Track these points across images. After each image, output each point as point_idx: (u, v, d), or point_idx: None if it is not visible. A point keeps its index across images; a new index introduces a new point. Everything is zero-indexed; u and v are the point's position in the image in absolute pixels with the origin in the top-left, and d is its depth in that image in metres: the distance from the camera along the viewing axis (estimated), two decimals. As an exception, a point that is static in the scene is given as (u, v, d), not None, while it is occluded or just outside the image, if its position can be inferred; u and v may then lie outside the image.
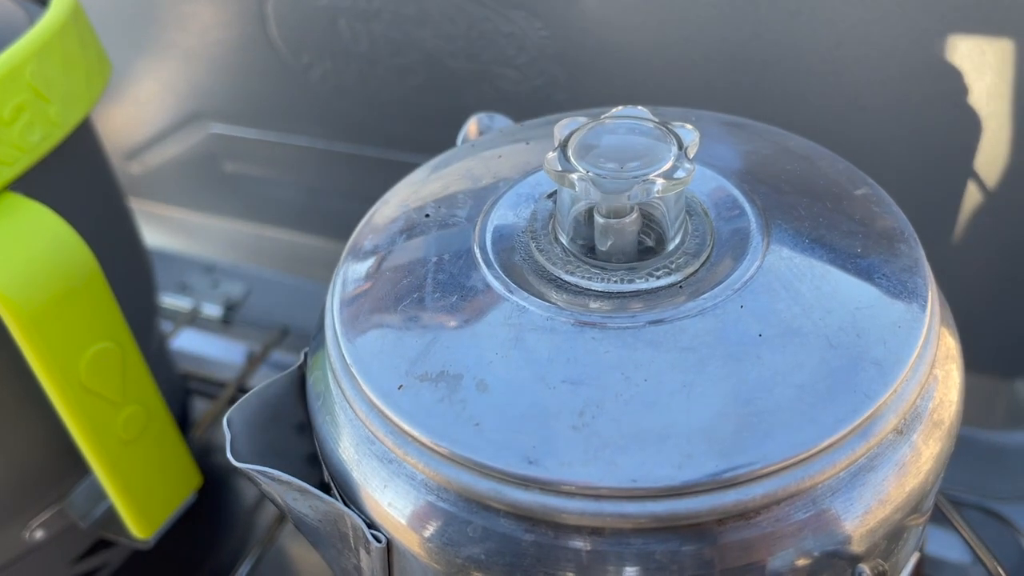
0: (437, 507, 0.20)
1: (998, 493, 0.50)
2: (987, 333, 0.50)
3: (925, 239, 0.46)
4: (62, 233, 0.31)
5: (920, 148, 0.43)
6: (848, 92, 0.42)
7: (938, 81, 0.40)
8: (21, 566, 0.41)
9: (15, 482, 0.39)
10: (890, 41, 0.39)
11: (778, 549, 0.19)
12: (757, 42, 0.41)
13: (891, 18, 0.39)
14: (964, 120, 0.41)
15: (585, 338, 0.20)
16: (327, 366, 0.23)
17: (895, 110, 0.42)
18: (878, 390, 0.19)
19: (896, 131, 0.43)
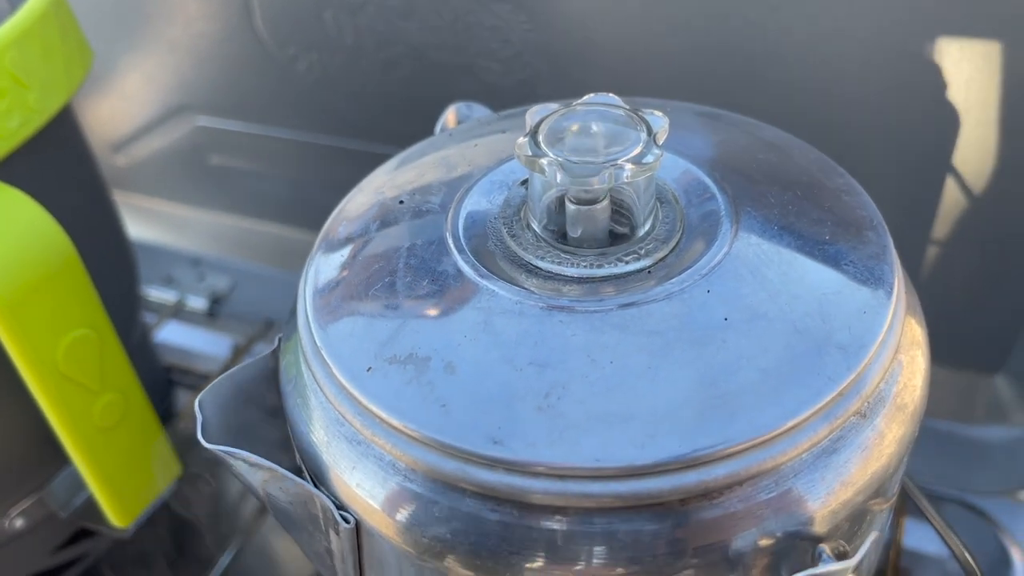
0: (404, 488, 0.20)
1: (978, 488, 0.50)
2: (967, 330, 0.50)
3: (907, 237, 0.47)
4: (39, 220, 0.31)
5: (902, 145, 0.43)
6: (830, 86, 0.42)
7: (918, 76, 0.40)
8: (6, 552, 0.41)
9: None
10: (873, 38, 0.40)
11: (741, 529, 0.19)
12: (739, 37, 0.42)
13: (873, 15, 0.39)
14: (944, 116, 0.41)
15: (553, 321, 0.20)
16: (299, 350, 0.23)
17: (877, 106, 0.42)
18: (841, 374, 0.19)
19: (878, 128, 0.43)
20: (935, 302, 0.50)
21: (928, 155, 0.43)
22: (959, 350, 0.51)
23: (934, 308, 0.51)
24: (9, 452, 0.39)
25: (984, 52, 0.38)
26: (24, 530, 0.41)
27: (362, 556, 0.22)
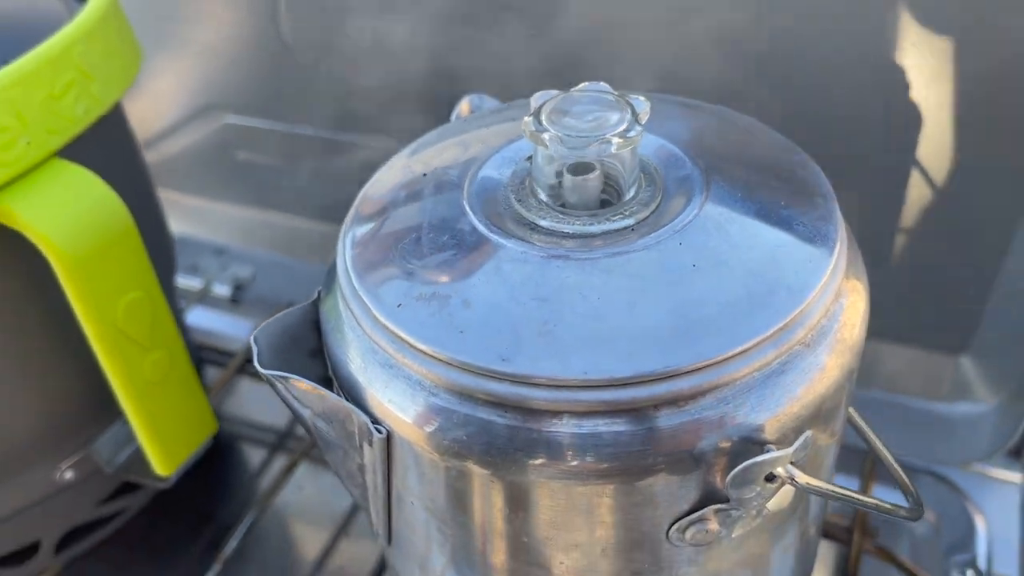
0: (429, 401, 0.24)
1: (945, 459, 0.54)
2: (934, 314, 0.54)
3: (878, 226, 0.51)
4: (103, 194, 0.36)
5: (871, 143, 0.48)
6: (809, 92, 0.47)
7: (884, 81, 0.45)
8: (52, 504, 0.46)
9: (50, 425, 0.43)
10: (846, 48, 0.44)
11: (704, 433, 0.23)
12: (724, 44, 0.46)
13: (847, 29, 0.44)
14: (907, 116, 0.45)
15: (551, 267, 0.25)
16: (338, 295, 0.27)
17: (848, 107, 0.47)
18: (788, 309, 0.24)
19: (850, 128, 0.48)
20: (905, 288, 0.54)
21: (894, 152, 0.47)
22: (927, 333, 0.56)
23: (904, 294, 0.55)
24: (63, 411, 0.44)
25: (939, 61, 0.43)
26: (73, 482, 0.46)
27: (391, 465, 0.26)
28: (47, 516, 0.46)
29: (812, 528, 0.31)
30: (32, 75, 0.35)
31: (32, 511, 0.45)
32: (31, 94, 0.35)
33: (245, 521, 0.53)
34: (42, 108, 0.35)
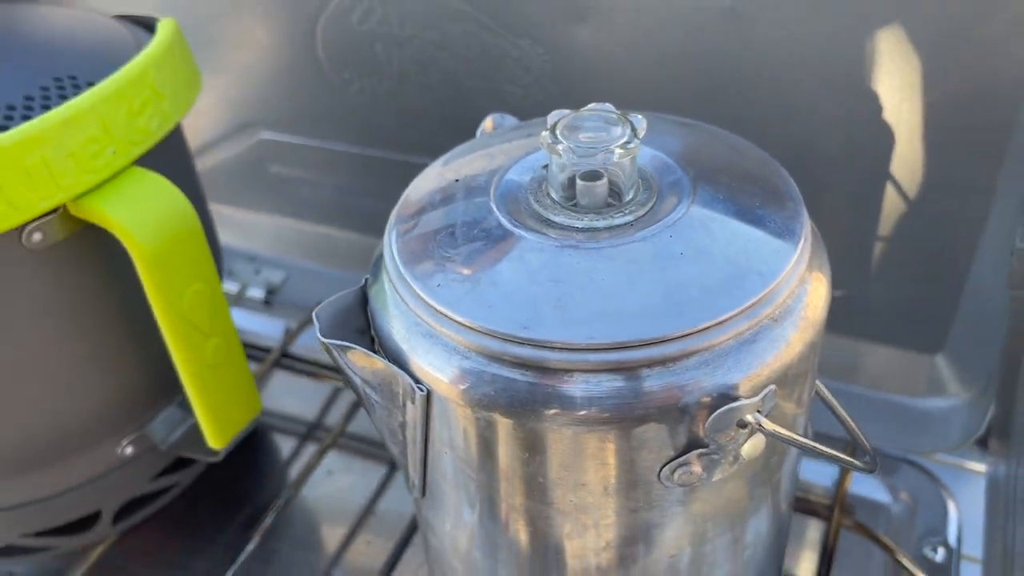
0: (462, 363, 0.29)
1: (921, 449, 0.59)
2: (911, 317, 0.59)
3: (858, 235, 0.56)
4: (176, 197, 0.41)
5: (849, 158, 0.53)
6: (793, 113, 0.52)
7: (860, 102, 0.50)
8: (112, 477, 0.51)
9: (115, 406, 0.49)
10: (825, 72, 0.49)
11: (688, 389, 0.28)
12: (719, 66, 0.51)
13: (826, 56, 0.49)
14: (882, 135, 0.51)
15: (564, 255, 0.30)
16: (384, 278, 0.33)
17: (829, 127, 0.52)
18: (758, 289, 0.29)
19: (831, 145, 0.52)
20: (884, 293, 0.60)
21: (870, 166, 0.52)
22: (906, 334, 0.61)
23: (883, 299, 0.61)
24: (126, 394, 0.49)
25: (911, 82, 0.48)
26: (131, 457, 0.51)
27: (429, 420, 0.31)
28: (108, 488, 0.51)
29: (785, 485, 0.36)
30: (116, 94, 0.40)
31: (95, 483, 0.51)
32: (116, 110, 0.40)
33: (279, 500, 0.58)
34: (124, 122, 0.41)
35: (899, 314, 0.60)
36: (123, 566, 0.57)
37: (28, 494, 0.49)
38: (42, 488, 0.49)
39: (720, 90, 0.52)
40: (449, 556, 0.37)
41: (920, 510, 0.57)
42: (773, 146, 0.38)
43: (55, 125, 0.38)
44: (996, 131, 0.47)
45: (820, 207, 0.54)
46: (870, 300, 0.59)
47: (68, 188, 0.39)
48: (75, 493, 0.50)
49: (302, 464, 0.63)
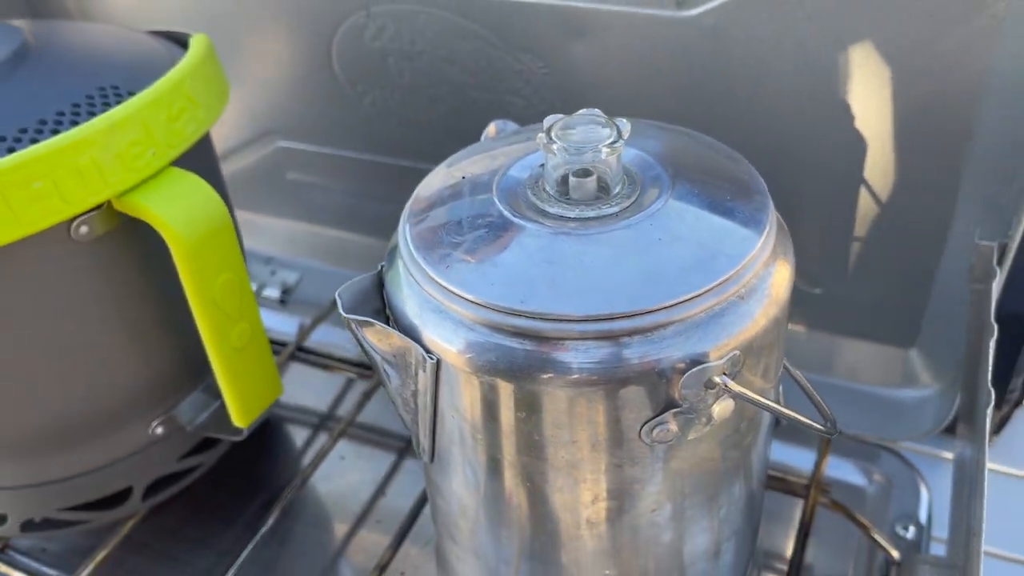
0: (468, 335, 0.34)
1: (895, 436, 0.63)
2: (886, 313, 0.63)
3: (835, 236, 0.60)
4: (209, 194, 0.46)
5: (826, 164, 0.57)
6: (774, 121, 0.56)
7: (835, 112, 0.54)
8: (143, 456, 0.55)
9: (146, 389, 0.53)
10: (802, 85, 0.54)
11: (664, 355, 0.32)
12: (702, 79, 0.56)
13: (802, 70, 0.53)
14: (855, 142, 0.55)
15: (558, 240, 0.34)
16: (399, 263, 0.37)
17: (807, 134, 0.56)
18: (726, 269, 0.33)
19: (809, 151, 0.57)
20: (861, 290, 0.64)
21: (844, 172, 0.56)
22: (881, 329, 0.65)
23: (860, 297, 0.65)
24: (157, 378, 0.53)
25: (878, 94, 0.52)
26: (161, 437, 0.55)
27: (438, 386, 0.36)
28: (139, 466, 0.55)
29: (757, 452, 0.40)
30: (157, 102, 0.45)
31: (127, 461, 0.55)
32: (156, 116, 0.45)
33: (295, 482, 0.62)
34: (163, 127, 0.45)
35: (875, 311, 0.64)
36: (149, 543, 0.62)
37: (66, 470, 0.53)
38: (79, 464, 0.53)
39: (703, 101, 0.56)
40: (456, 516, 0.41)
41: (894, 492, 0.61)
42: (752, 154, 0.42)
43: (104, 129, 0.42)
44: (957, 137, 0.52)
45: (798, 211, 0.59)
46: (848, 298, 0.64)
47: (114, 185, 0.43)
48: (109, 470, 0.54)
49: (316, 450, 0.67)
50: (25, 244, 0.43)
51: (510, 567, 0.41)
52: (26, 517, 0.55)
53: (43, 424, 0.50)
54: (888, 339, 0.64)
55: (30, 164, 0.40)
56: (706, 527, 0.39)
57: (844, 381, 0.66)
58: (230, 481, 0.65)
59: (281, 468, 0.68)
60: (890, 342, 0.65)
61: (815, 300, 0.65)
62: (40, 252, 0.44)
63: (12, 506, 0.54)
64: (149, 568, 0.60)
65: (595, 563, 0.39)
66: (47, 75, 0.47)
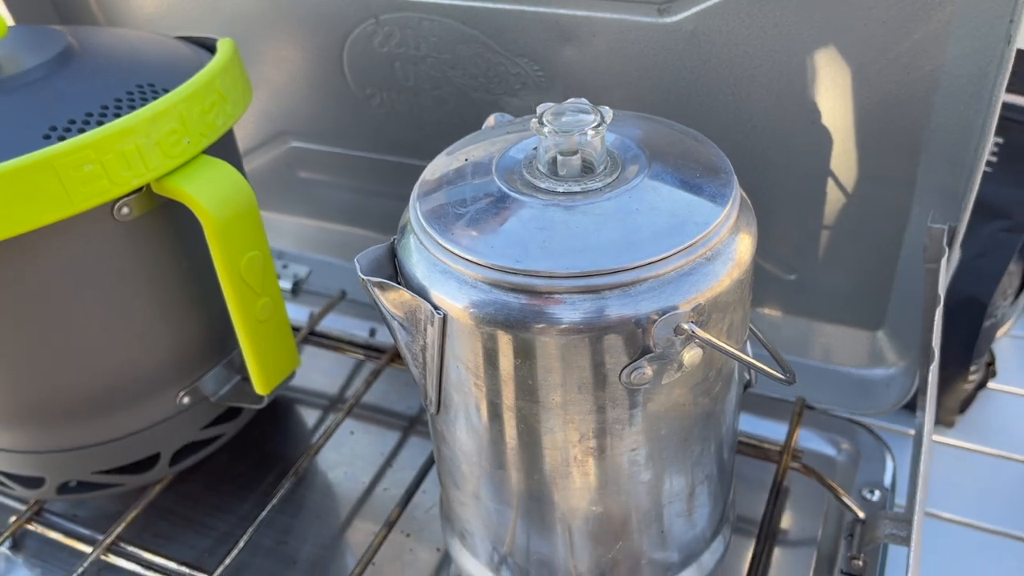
0: (470, 292, 0.39)
1: (864, 410, 0.68)
2: (855, 298, 0.68)
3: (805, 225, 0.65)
4: (238, 179, 0.51)
5: (795, 157, 0.62)
6: (748, 116, 0.61)
7: (802, 109, 0.59)
8: (170, 424, 0.60)
9: (175, 360, 0.58)
10: (772, 83, 0.59)
11: (640, 308, 0.37)
12: (682, 79, 0.61)
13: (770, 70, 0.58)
14: (821, 135, 0.60)
15: (549, 210, 0.40)
16: (410, 233, 0.42)
17: (777, 129, 0.61)
18: (694, 234, 0.38)
19: (779, 145, 0.62)
20: (832, 277, 0.69)
21: (813, 164, 0.62)
22: (851, 313, 0.70)
23: (831, 282, 0.70)
24: (185, 350, 0.58)
25: (842, 92, 0.58)
26: (188, 406, 0.60)
27: (445, 339, 0.41)
28: (166, 433, 0.60)
29: (726, 401, 0.45)
30: (192, 96, 0.50)
31: (155, 428, 0.60)
32: (191, 109, 0.50)
33: (308, 452, 0.67)
34: (197, 118, 0.50)
35: (845, 296, 0.69)
36: (173, 509, 0.66)
37: (100, 435, 0.58)
38: (112, 430, 0.58)
39: (683, 100, 0.61)
40: (459, 462, 0.46)
41: (862, 462, 0.66)
42: (729, 149, 0.46)
43: (147, 120, 0.48)
44: (913, 132, 0.57)
45: (773, 203, 0.65)
46: (820, 284, 0.69)
47: (154, 170, 0.48)
48: (139, 436, 0.59)
49: (327, 426, 0.72)
50: (73, 222, 0.48)
51: (508, 507, 0.46)
52: (63, 480, 0.60)
53: (80, 391, 0.55)
54: (857, 322, 0.70)
55: (82, 149, 0.46)
56: (681, 469, 0.44)
57: (818, 362, 0.71)
58: (248, 455, 0.70)
59: (295, 442, 0.73)
60: (859, 325, 0.70)
61: (790, 286, 0.70)
62: (86, 230, 0.50)
63: (50, 469, 0.59)
64: (174, 531, 0.65)
65: (583, 500, 0.44)
66: (90, 74, 0.53)
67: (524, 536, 0.46)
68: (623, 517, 0.45)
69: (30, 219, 0.45)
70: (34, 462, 0.58)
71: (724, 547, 0.52)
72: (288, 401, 0.76)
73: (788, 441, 0.62)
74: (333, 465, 0.69)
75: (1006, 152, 0.65)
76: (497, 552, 0.49)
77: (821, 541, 0.61)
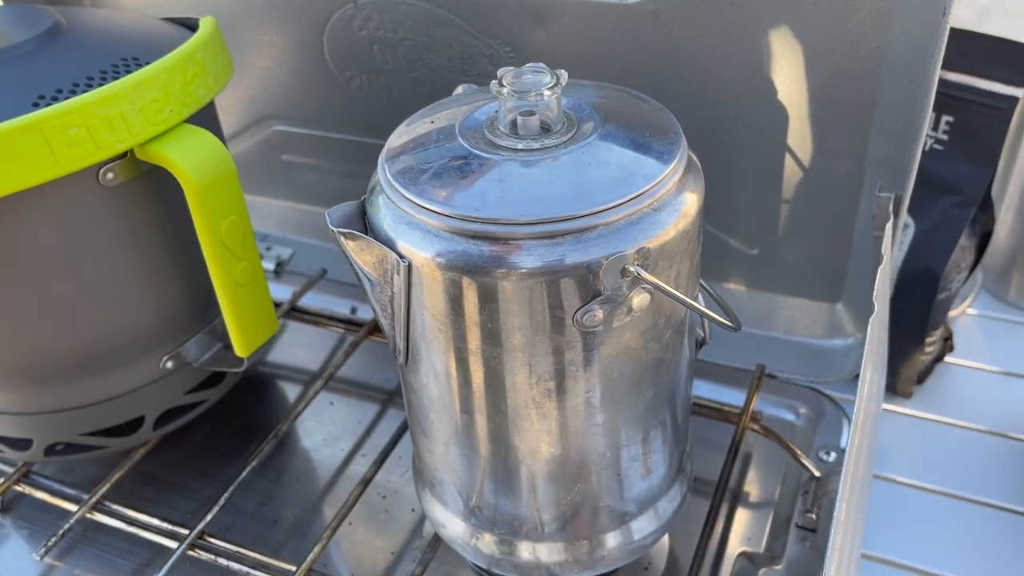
0: (433, 240, 0.41)
1: (822, 378, 0.71)
2: (816, 272, 0.71)
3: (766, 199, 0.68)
4: (218, 147, 0.54)
5: (755, 132, 0.65)
6: (711, 95, 0.64)
7: (760, 86, 0.62)
8: (154, 388, 0.62)
9: (159, 325, 0.60)
10: (733, 61, 0.62)
11: (591, 253, 0.40)
12: (646, 59, 0.64)
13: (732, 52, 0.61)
14: (778, 112, 0.63)
15: (507, 165, 0.42)
16: (378, 190, 0.45)
17: (739, 106, 0.64)
18: (642, 185, 0.41)
19: (740, 120, 0.65)
20: (792, 252, 0.72)
21: (771, 140, 0.65)
22: (812, 288, 0.73)
23: (792, 257, 0.73)
24: (169, 316, 0.61)
25: (796, 69, 0.61)
26: (171, 371, 0.63)
27: (411, 287, 0.43)
28: (150, 397, 0.63)
29: (677, 348, 0.48)
30: (174, 67, 0.53)
31: (140, 392, 0.62)
32: (173, 79, 0.53)
33: (288, 417, 0.69)
34: (179, 88, 0.53)
35: (805, 270, 0.72)
36: (158, 475, 0.69)
37: (87, 397, 0.61)
38: (98, 392, 0.61)
39: (647, 78, 0.64)
40: (427, 410, 0.49)
41: (820, 426, 0.69)
42: (692, 126, 0.48)
43: (130, 87, 0.50)
44: (864, 105, 0.60)
45: (734, 177, 0.68)
46: (781, 259, 0.72)
47: (138, 135, 0.51)
48: (124, 399, 0.62)
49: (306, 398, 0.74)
50: (59, 186, 0.50)
51: (474, 453, 0.48)
52: (50, 441, 0.62)
53: (67, 354, 0.58)
54: (817, 295, 0.73)
55: (68, 113, 0.48)
56: (634, 414, 0.47)
57: (780, 333, 0.74)
58: (230, 425, 0.73)
59: (277, 413, 0.75)
60: (819, 298, 0.73)
61: (753, 261, 0.73)
62: (73, 195, 0.52)
63: (37, 431, 0.61)
64: (157, 495, 0.67)
65: (542, 443, 0.46)
66: (77, 49, 0.55)
67: (490, 481, 0.49)
68: (580, 459, 0.47)
69: (18, 179, 0.48)
70: (22, 424, 0.61)
71: (681, 498, 0.55)
72: (269, 376, 0.78)
73: (748, 403, 0.64)
74: (312, 433, 0.72)
75: (956, 130, 0.69)
76: (464, 498, 0.51)
77: (779, 501, 0.64)
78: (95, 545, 0.64)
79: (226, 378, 0.68)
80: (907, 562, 0.65)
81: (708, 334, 0.53)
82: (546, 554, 0.51)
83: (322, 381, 0.70)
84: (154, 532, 0.60)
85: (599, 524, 0.51)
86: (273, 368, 0.79)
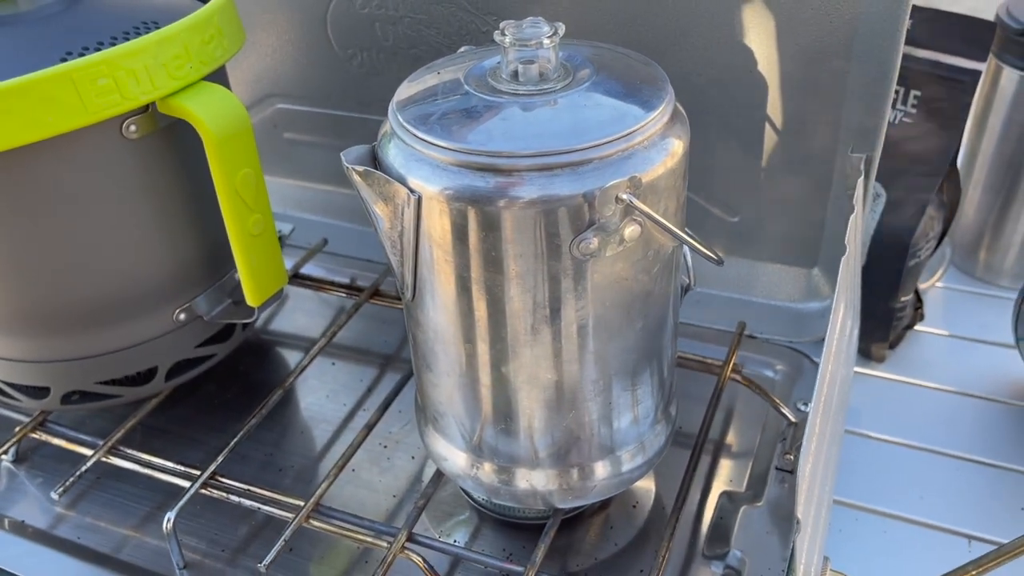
0: (441, 174, 0.45)
1: (799, 337, 0.75)
2: (795, 238, 0.75)
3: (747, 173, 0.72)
4: (234, 102, 0.57)
5: (736, 101, 0.69)
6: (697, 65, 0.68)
7: (741, 59, 0.67)
8: (167, 339, 0.65)
9: (173, 278, 0.64)
10: (716, 33, 0.66)
11: (586, 184, 0.44)
12: (637, 34, 0.68)
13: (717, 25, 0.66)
14: (758, 82, 0.67)
15: (509, 106, 0.46)
16: (389, 133, 0.48)
17: (720, 77, 0.68)
18: (633, 124, 0.45)
19: (721, 91, 0.69)
20: (772, 219, 0.76)
21: (752, 108, 0.69)
22: (791, 253, 0.77)
23: (771, 225, 0.77)
24: (183, 268, 0.64)
25: (772, 41, 0.65)
26: (183, 323, 0.66)
27: (420, 220, 0.47)
28: (163, 348, 0.66)
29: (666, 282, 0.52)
30: (194, 26, 0.56)
31: (154, 343, 0.65)
32: (193, 37, 0.56)
33: (292, 373, 0.72)
34: (199, 47, 0.57)
35: (783, 237, 0.76)
36: (168, 429, 0.72)
37: (103, 346, 0.64)
38: (114, 342, 0.64)
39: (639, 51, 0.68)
40: (431, 342, 0.52)
41: (799, 381, 0.72)
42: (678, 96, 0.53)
43: (154, 43, 0.54)
44: (836, 76, 0.64)
45: (714, 147, 0.72)
46: (761, 226, 0.76)
47: (160, 88, 0.55)
48: (138, 349, 0.65)
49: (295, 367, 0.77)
50: (85, 137, 0.54)
51: (475, 382, 0.52)
52: (67, 389, 0.65)
53: (84, 302, 0.61)
54: (795, 261, 0.77)
55: (97, 64, 0.52)
56: (624, 344, 0.51)
57: (761, 298, 0.78)
58: (236, 383, 0.76)
59: (281, 372, 0.78)
60: (796, 263, 0.77)
61: (734, 229, 0.77)
62: (96, 146, 0.56)
63: (54, 378, 0.64)
64: (168, 447, 0.70)
65: (541, 368, 0.50)
66: (100, 11, 0.59)
67: (489, 408, 0.53)
68: (574, 386, 0.51)
69: (51, 126, 0.51)
70: (40, 372, 0.64)
71: (665, 437, 0.58)
72: (273, 341, 0.82)
73: (729, 355, 0.68)
74: (316, 389, 0.75)
75: (923, 104, 0.73)
76: (466, 429, 0.55)
77: (759, 448, 0.67)
78: (109, 491, 0.67)
79: (234, 335, 0.71)
80: (880, 507, 0.69)
81: (693, 279, 0.57)
82: (542, 482, 0.55)
83: (326, 339, 0.74)
84: (168, 473, 0.63)
85: (590, 452, 0.54)
86: (276, 336, 0.82)
